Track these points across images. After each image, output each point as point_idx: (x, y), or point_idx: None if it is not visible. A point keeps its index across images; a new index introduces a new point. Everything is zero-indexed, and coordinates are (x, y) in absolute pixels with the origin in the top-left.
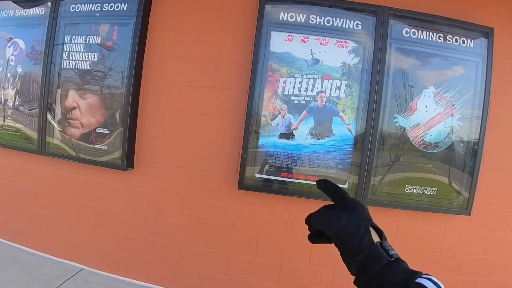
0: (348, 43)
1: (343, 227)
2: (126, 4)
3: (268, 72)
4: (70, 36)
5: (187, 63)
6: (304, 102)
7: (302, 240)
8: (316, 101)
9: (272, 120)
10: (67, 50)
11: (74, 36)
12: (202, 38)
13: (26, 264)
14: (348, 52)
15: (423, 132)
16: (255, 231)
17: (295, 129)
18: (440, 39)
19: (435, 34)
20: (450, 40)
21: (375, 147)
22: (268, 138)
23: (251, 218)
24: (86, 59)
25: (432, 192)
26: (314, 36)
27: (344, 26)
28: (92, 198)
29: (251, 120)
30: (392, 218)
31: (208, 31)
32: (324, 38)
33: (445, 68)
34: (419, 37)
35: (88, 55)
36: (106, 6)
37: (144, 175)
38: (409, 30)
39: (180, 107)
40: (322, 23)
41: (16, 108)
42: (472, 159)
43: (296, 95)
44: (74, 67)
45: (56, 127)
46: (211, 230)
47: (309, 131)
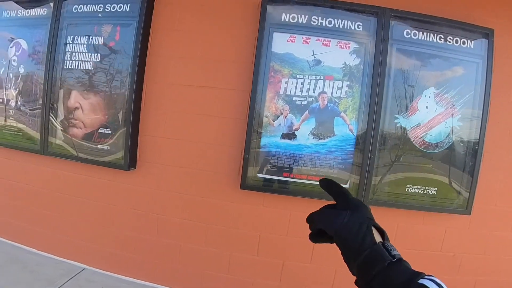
0: (350, 44)
1: (345, 226)
2: (129, 5)
3: (270, 73)
4: (72, 36)
5: (189, 64)
6: (306, 103)
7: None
8: (318, 101)
9: (274, 120)
10: (70, 50)
11: (76, 37)
12: (204, 39)
13: (28, 263)
14: (349, 53)
15: (423, 133)
16: (257, 230)
17: (297, 129)
18: (440, 40)
19: (435, 35)
20: (450, 41)
21: (376, 147)
22: (270, 138)
23: (253, 217)
24: (89, 60)
25: (433, 192)
26: (315, 37)
27: (345, 27)
28: (94, 198)
29: (253, 121)
30: (393, 218)
31: (210, 32)
32: (326, 39)
33: (445, 68)
34: (419, 38)
35: (90, 55)
36: (108, 6)
37: (147, 175)
38: (410, 31)
39: (183, 108)
40: (324, 24)
41: (18, 108)
42: (472, 159)
43: (298, 96)
44: (76, 67)
45: (58, 127)
46: (213, 229)
47: (311, 131)
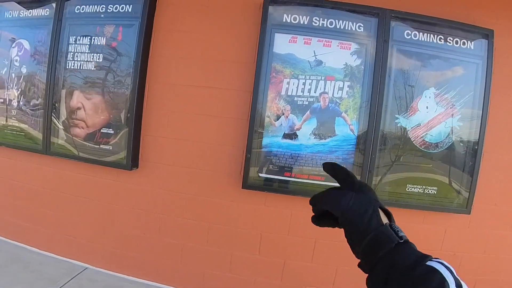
0: (351, 44)
1: (351, 207)
2: (131, 6)
3: (272, 73)
4: (74, 37)
5: (191, 64)
6: (307, 103)
7: (305, 239)
8: (319, 102)
9: (275, 120)
10: (72, 51)
11: (78, 37)
12: (206, 39)
13: (30, 263)
14: (350, 54)
15: (424, 133)
16: (259, 230)
17: (298, 129)
18: (440, 41)
19: (435, 36)
20: (450, 42)
21: (377, 147)
22: (272, 138)
23: (255, 217)
24: (91, 60)
25: (433, 191)
26: (317, 38)
27: (346, 28)
28: (96, 198)
29: (255, 121)
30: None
31: (212, 32)
32: (327, 40)
33: (445, 69)
34: (420, 39)
35: (92, 56)
36: (111, 7)
37: (149, 175)
38: (410, 32)
39: (185, 108)
40: (325, 25)
41: (21, 108)
42: (472, 159)
43: (299, 96)
44: (79, 67)
45: (61, 127)
46: (215, 229)
47: (312, 131)
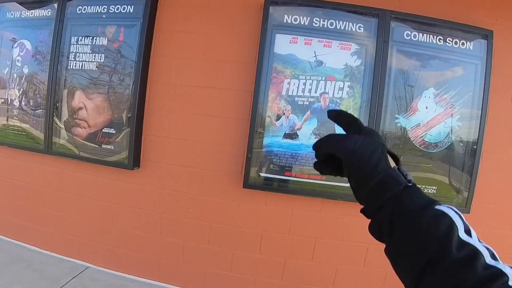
0: (351, 45)
1: (358, 148)
2: (133, 6)
3: (273, 74)
4: (76, 37)
5: (192, 65)
6: (307, 103)
7: (305, 237)
8: (320, 102)
9: (276, 120)
10: (74, 51)
11: (80, 37)
12: (207, 40)
13: (31, 262)
14: (350, 54)
15: (423, 132)
16: (259, 229)
17: (299, 129)
18: (440, 42)
19: (435, 36)
20: (450, 43)
21: None
22: (273, 138)
23: (255, 216)
24: (93, 60)
25: (432, 190)
26: (317, 39)
27: (346, 29)
28: (98, 197)
29: (256, 121)
30: None
31: (213, 33)
32: (328, 40)
33: (445, 69)
34: (419, 39)
35: (94, 56)
36: (112, 7)
37: (150, 175)
38: (410, 33)
39: (186, 108)
40: (326, 26)
41: (22, 108)
42: (471, 158)
43: (300, 96)
44: (80, 68)
45: (62, 127)
46: (216, 228)
47: (312, 131)
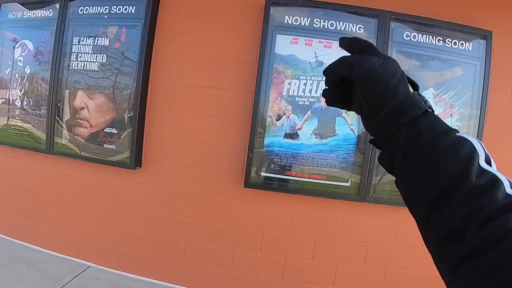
0: None
1: (377, 69)
2: (134, 7)
3: (274, 74)
4: (78, 37)
5: (194, 65)
6: (308, 103)
7: (306, 237)
8: (320, 102)
9: (277, 120)
10: (75, 51)
11: (82, 38)
12: (208, 40)
13: (33, 262)
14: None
15: None
16: (260, 228)
17: (299, 129)
18: (439, 42)
19: (434, 37)
20: (449, 43)
21: None
22: (274, 138)
23: (256, 215)
24: (95, 60)
25: None
26: (318, 39)
27: (347, 30)
28: (100, 197)
29: (257, 121)
30: (393, 215)
31: (214, 33)
32: (328, 41)
33: (444, 70)
34: (419, 40)
35: (96, 56)
36: (114, 8)
37: (152, 174)
38: (409, 34)
39: (187, 108)
40: (326, 27)
41: (24, 108)
42: None
43: (300, 96)
44: (82, 68)
45: (64, 127)
46: (217, 227)
47: (313, 131)
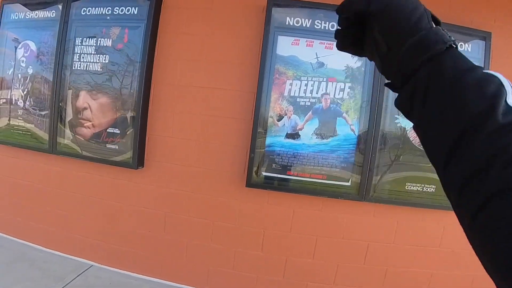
0: None
1: (398, 2)
2: (137, 8)
3: (275, 75)
4: (81, 38)
5: (196, 66)
6: (309, 104)
7: (307, 236)
8: (321, 102)
9: (278, 120)
10: (78, 52)
11: (85, 39)
12: (210, 41)
13: (35, 261)
14: (351, 56)
15: None
16: (261, 227)
17: (300, 129)
18: None
19: None
20: None
21: (377, 147)
22: (275, 138)
23: (258, 215)
24: (97, 61)
25: (432, 189)
26: (319, 40)
27: None
28: (102, 196)
29: (259, 121)
30: (393, 215)
31: (216, 35)
32: (329, 42)
33: None
34: None
35: (99, 57)
36: (117, 9)
37: (154, 174)
38: None
39: (189, 108)
40: (327, 28)
41: (27, 108)
42: None
43: (301, 97)
44: (85, 68)
45: (67, 127)
46: (219, 226)
47: (314, 131)
